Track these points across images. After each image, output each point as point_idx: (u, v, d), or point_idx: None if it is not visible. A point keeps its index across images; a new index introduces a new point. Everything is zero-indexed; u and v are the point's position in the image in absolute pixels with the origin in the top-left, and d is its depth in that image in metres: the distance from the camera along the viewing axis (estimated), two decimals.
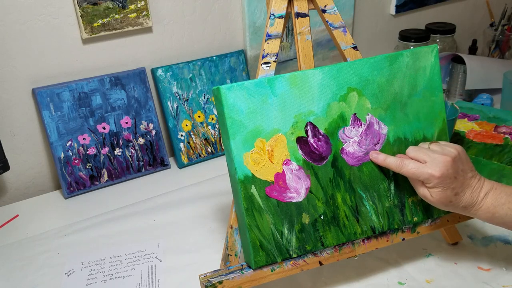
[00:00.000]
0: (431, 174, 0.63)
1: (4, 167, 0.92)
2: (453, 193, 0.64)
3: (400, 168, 0.65)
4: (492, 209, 0.65)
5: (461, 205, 0.65)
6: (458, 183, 0.64)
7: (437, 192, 0.64)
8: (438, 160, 0.63)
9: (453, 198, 0.64)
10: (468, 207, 0.66)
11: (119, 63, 1.04)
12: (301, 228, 0.66)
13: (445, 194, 0.64)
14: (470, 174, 0.65)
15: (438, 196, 0.64)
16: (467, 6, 1.53)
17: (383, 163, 0.67)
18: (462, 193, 0.65)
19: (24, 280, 0.79)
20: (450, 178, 0.63)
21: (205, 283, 0.63)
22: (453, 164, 0.63)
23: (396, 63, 0.68)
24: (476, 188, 0.65)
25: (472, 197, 0.65)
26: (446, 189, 0.64)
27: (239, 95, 0.61)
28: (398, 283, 0.73)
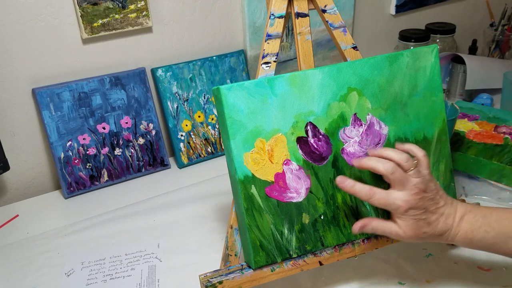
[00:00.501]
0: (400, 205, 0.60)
1: (4, 167, 0.92)
2: (426, 223, 0.61)
3: (370, 196, 0.61)
4: (469, 234, 0.62)
5: (436, 233, 0.62)
6: (429, 213, 0.61)
7: (409, 226, 0.61)
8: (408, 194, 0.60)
9: (427, 229, 0.61)
10: (444, 235, 0.62)
11: (119, 63, 1.04)
12: (301, 228, 0.66)
13: (418, 225, 0.61)
14: (442, 202, 0.62)
15: (410, 229, 0.61)
16: (467, 6, 1.53)
17: (351, 189, 0.62)
18: (436, 222, 0.61)
19: (24, 280, 0.79)
20: (419, 210, 0.60)
21: (205, 283, 0.63)
22: (421, 196, 0.60)
23: (396, 63, 0.68)
24: (450, 214, 0.62)
25: (447, 224, 0.62)
26: (418, 221, 0.61)
27: (239, 95, 0.61)
28: (398, 283, 0.73)
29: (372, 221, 0.64)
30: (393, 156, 0.62)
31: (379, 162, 0.61)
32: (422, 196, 0.61)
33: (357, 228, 0.64)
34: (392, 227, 0.62)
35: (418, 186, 0.60)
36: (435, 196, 0.62)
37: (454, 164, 0.92)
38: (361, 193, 0.61)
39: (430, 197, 0.61)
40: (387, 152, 0.62)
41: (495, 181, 0.90)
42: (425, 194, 0.61)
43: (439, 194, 0.63)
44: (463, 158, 0.93)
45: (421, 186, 0.60)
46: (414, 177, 0.61)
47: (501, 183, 0.89)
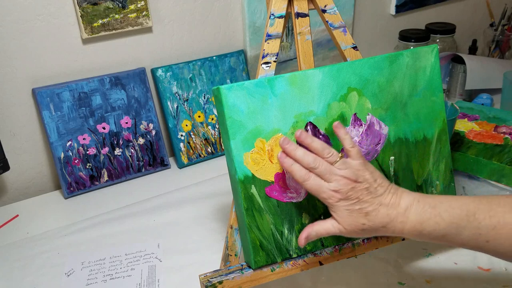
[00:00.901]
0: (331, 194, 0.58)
1: (4, 167, 0.92)
2: (363, 214, 0.58)
3: (305, 180, 0.59)
4: (418, 226, 0.57)
5: (379, 225, 0.58)
6: (364, 202, 0.58)
7: (345, 218, 0.58)
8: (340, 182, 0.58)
9: (364, 220, 0.58)
10: (388, 226, 0.58)
11: (119, 63, 1.04)
12: (301, 228, 0.66)
13: (353, 217, 0.58)
14: (381, 190, 0.59)
15: (347, 222, 0.58)
16: (467, 6, 1.53)
17: (288, 168, 0.60)
18: (375, 212, 0.58)
19: (24, 280, 0.79)
20: (351, 200, 0.58)
21: (205, 283, 0.63)
22: (352, 186, 0.58)
23: (396, 63, 0.68)
24: (393, 204, 0.58)
25: (389, 215, 0.58)
26: (352, 211, 0.58)
27: (239, 95, 0.61)
28: (398, 283, 0.73)
29: (314, 226, 0.61)
30: (317, 149, 0.60)
31: (304, 156, 0.59)
32: (353, 186, 0.58)
33: (302, 240, 0.60)
34: (333, 224, 0.60)
35: (346, 176, 0.58)
36: (371, 185, 0.58)
37: (454, 164, 0.92)
38: (297, 174, 0.59)
39: (364, 187, 0.58)
40: (314, 144, 0.60)
41: (495, 181, 0.90)
42: (356, 184, 0.58)
43: (377, 183, 0.59)
44: (463, 158, 0.93)
45: (350, 175, 0.58)
46: (340, 168, 0.59)
47: (501, 183, 0.89)
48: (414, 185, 0.71)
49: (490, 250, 0.57)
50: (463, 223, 0.56)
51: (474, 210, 0.56)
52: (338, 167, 0.59)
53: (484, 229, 0.56)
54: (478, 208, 0.57)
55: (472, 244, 0.58)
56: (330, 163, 0.59)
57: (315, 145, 0.60)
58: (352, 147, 0.60)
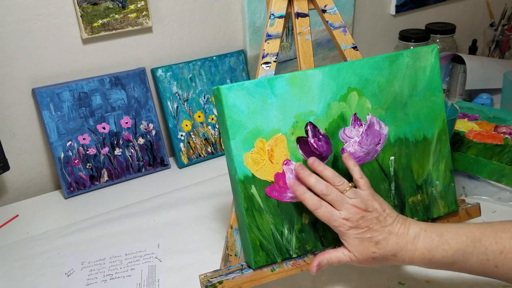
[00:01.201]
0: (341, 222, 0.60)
1: (4, 167, 0.92)
2: (373, 242, 0.60)
3: (317, 207, 0.61)
4: (427, 254, 0.59)
5: (389, 254, 0.60)
6: (374, 231, 0.60)
7: (356, 246, 0.60)
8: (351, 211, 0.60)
9: (375, 249, 0.60)
10: (398, 255, 0.60)
11: (119, 63, 1.04)
12: (301, 228, 0.66)
13: (364, 246, 0.60)
14: (390, 220, 0.61)
15: (358, 250, 0.60)
16: (467, 6, 1.53)
17: (300, 196, 0.62)
18: (385, 241, 0.60)
19: (24, 280, 0.79)
20: (362, 229, 0.60)
21: (205, 283, 0.63)
22: (362, 215, 0.60)
23: (396, 63, 0.68)
24: (402, 233, 0.60)
25: (399, 244, 0.60)
26: (363, 240, 0.60)
27: (239, 95, 0.61)
28: (398, 283, 0.73)
29: (325, 254, 0.63)
30: (328, 177, 0.62)
31: (317, 183, 0.61)
32: (363, 215, 0.60)
33: (314, 268, 0.63)
34: (344, 252, 0.62)
35: (356, 205, 0.60)
36: (380, 215, 0.61)
37: (454, 164, 0.92)
38: (309, 202, 0.61)
39: (374, 216, 0.60)
40: (326, 172, 0.62)
41: (495, 181, 0.90)
42: (366, 213, 0.60)
43: (386, 213, 0.61)
44: (463, 158, 0.93)
45: (360, 205, 0.60)
46: (351, 197, 0.61)
47: (501, 183, 0.89)
48: (414, 185, 0.71)
49: (501, 276, 0.59)
50: (470, 249, 0.58)
51: (480, 236, 0.59)
52: (349, 196, 0.61)
53: (491, 255, 0.58)
54: (483, 234, 0.59)
55: (481, 270, 0.59)
56: (341, 192, 0.61)
57: (327, 173, 0.62)
58: (361, 177, 0.63)
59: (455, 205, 0.75)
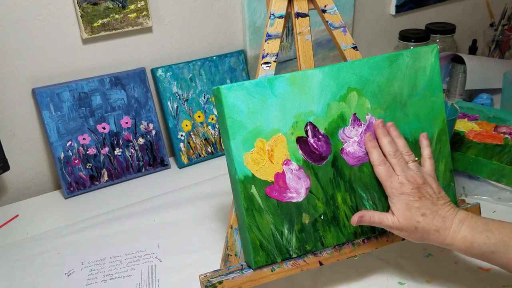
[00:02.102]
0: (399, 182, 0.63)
1: (4, 167, 0.92)
2: (420, 212, 0.62)
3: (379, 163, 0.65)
4: (470, 237, 0.61)
5: (432, 228, 0.62)
6: (423, 204, 0.62)
7: (402, 211, 0.63)
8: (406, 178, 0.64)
9: (420, 218, 0.62)
10: (440, 231, 0.62)
11: (119, 63, 1.04)
12: (301, 228, 0.66)
13: (411, 213, 0.62)
14: (442, 201, 0.64)
15: (403, 216, 0.63)
16: (467, 6, 1.53)
17: (369, 149, 0.67)
18: (431, 216, 0.62)
19: (24, 280, 0.79)
20: (413, 197, 0.62)
21: (205, 283, 0.63)
22: (417, 186, 0.63)
23: (396, 63, 0.68)
24: (449, 215, 0.63)
25: (445, 222, 0.62)
26: (411, 207, 0.62)
27: (239, 95, 0.61)
28: (398, 283, 0.73)
29: (369, 212, 0.66)
30: (400, 144, 0.66)
31: (389, 144, 0.65)
32: (418, 186, 0.63)
33: (355, 220, 0.65)
34: (387, 216, 0.65)
35: (414, 177, 0.64)
36: (434, 193, 0.64)
37: (454, 164, 0.92)
38: (375, 156, 0.65)
39: (428, 192, 0.63)
40: (399, 139, 0.67)
41: (495, 181, 0.90)
42: (422, 186, 0.63)
43: (440, 195, 0.64)
44: (463, 158, 0.93)
45: (417, 179, 0.63)
46: (413, 169, 0.65)
47: (501, 183, 0.89)
48: None
49: None
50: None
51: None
52: (412, 167, 0.65)
53: None
54: None
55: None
56: (406, 162, 0.65)
57: (400, 140, 0.67)
58: (430, 158, 0.67)
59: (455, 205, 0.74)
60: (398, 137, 0.67)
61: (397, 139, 0.67)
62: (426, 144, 0.68)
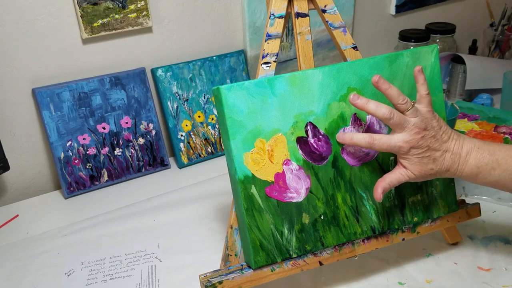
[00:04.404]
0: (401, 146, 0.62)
1: (4, 167, 0.92)
2: (431, 159, 0.63)
3: (371, 144, 0.63)
4: (475, 170, 0.64)
5: (444, 169, 0.64)
6: (432, 150, 0.63)
7: (415, 165, 0.63)
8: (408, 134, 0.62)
9: (433, 165, 0.64)
10: (451, 170, 0.65)
11: (119, 63, 1.04)
12: (301, 228, 0.66)
13: (423, 163, 0.63)
14: (445, 136, 0.64)
15: (417, 168, 0.63)
16: (467, 6, 1.53)
17: (350, 142, 0.64)
18: (442, 158, 0.64)
19: (24, 280, 0.79)
20: (422, 148, 0.63)
21: (205, 283, 0.63)
22: (422, 135, 0.62)
23: (396, 63, 0.68)
24: (456, 149, 0.64)
25: (453, 159, 0.64)
26: (422, 158, 0.63)
27: (239, 95, 0.61)
28: (398, 283, 0.73)
29: (385, 179, 0.65)
30: (393, 96, 0.62)
31: (378, 107, 0.62)
32: (423, 135, 0.62)
33: (379, 195, 0.64)
34: (401, 172, 0.65)
35: (418, 125, 0.62)
36: (437, 133, 0.63)
37: None
38: (361, 142, 0.63)
39: (432, 135, 0.63)
40: (391, 89, 0.62)
41: None
42: (426, 132, 0.63)
43: (442, 130, 0.64)
44: None
45: (420, 124, 0.62)
46: (412, 117, 0.62)
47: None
48: (414, 185, 0.71)
49: None
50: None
51: None
52: (410, 115, 0.62)
53: None
54: None
55: None
56: (402, 111, 0.63)
57: (391, 90, 0.62)
58: (427, 94, 0.64)
59: (455, 205, 0.75)
60: (388, 87, 0.62)
61: (388, 90, 0.62)
62: (423, 79, 0.65)
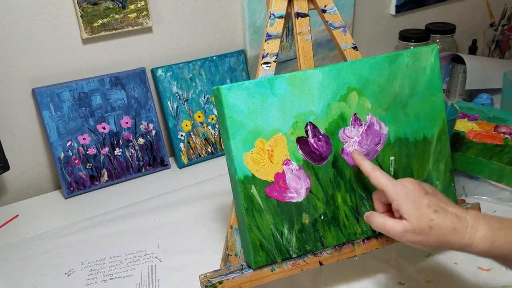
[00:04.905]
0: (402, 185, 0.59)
1: (4, 167, 0.92)
2: (431, 209, 0.56)
3: (370, 172, 0.61)
4: (490, 236, 0.55)
5: (449, 225, 0.55)
6: (431, 200, 0.57)
7: (412, 211, 0.56)
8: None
9: (433, 216, 0.56)
10: (458, 229, 0.55)
11: (119, 63, 1.04)
12: (301, 228, 0.66)
13: (421, 212, 0.56)
14: (445, 200, 0.59)
15: (415, 216, 0.56)
16: (467, 6, 1.53)
17: (358, 162, 0.64)
18: (444, 212, 0.56)
19: (24, 280, 0.79)
20: (419, 193, 0.58)
21: (205, 283, 0.63)
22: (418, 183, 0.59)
23: (396, 63, 0.68)
24: (460, 213, 0.57)
25: (459, 219, 0.56)
26: (420, 206, 0.56)
27: (239, 95, 0.61)
28: (398, 283, 0.73)
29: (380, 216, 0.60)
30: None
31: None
32: (418, 183, 0.59)
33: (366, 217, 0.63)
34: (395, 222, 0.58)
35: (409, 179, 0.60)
36: (434, 192, 0.59)
37: (454, 164, 0.92)
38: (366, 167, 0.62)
39: (429, 189, 0.59)
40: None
41: (495, 181, 0.90)
42: (421, 184, 0.59)
43: (441, 194, 0.60)
44: (463, 158, 0.93)
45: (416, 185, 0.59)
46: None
47: (501, 183, 0.89)
48: None
49: None
50: None
51: None
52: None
53: None
54: None
55: None
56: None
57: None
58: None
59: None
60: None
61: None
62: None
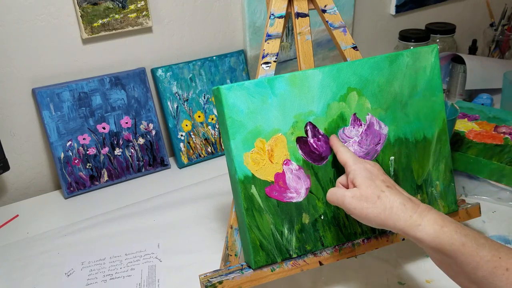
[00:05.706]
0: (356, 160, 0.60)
1: (4, 167, 0.92)
2: (385, 184, 0.57)
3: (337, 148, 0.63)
4: (440, 221, 0.53)
5: (397, 200, 0.55)
6: (388, 179, 0.59)
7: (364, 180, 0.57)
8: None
9: (384, 189, 0.56)
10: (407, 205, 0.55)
11: (119, 63, 1.04)
12: (301, 228, 0.66)
13: (374, 183, 0.57)
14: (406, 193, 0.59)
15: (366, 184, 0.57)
16: (467, 6, 1.53)
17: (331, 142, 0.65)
18: (395, 190, 0.57)
19: (24, 280, 0.79)
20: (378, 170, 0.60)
21: (205, 283, 0.63)
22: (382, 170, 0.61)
23: (396, 63, 0.68)
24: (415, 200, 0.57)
25: (411, 199, 0.56)
26: (375, 179, 0.58)
27: (239, 95, 0.61)
28: (398, 283, 0.73)
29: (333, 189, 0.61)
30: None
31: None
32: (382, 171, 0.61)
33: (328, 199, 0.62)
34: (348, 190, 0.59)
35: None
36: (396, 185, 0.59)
37: (454, 164, 0.92)
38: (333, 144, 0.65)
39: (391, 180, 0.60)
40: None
41: (495, 181, 0.90)
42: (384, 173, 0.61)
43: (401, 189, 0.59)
44: (463, 158, 0.93)
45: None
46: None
47: (501, 183, 0.89)
48: (414, 185, 0.71)
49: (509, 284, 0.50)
50: (483, 240, 0.52)
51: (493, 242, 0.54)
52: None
53: (504, 255, 0.51)
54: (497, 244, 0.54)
55: (490, 267, 0.51)
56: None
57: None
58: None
59: (455, 205, 0.75)
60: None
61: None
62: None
